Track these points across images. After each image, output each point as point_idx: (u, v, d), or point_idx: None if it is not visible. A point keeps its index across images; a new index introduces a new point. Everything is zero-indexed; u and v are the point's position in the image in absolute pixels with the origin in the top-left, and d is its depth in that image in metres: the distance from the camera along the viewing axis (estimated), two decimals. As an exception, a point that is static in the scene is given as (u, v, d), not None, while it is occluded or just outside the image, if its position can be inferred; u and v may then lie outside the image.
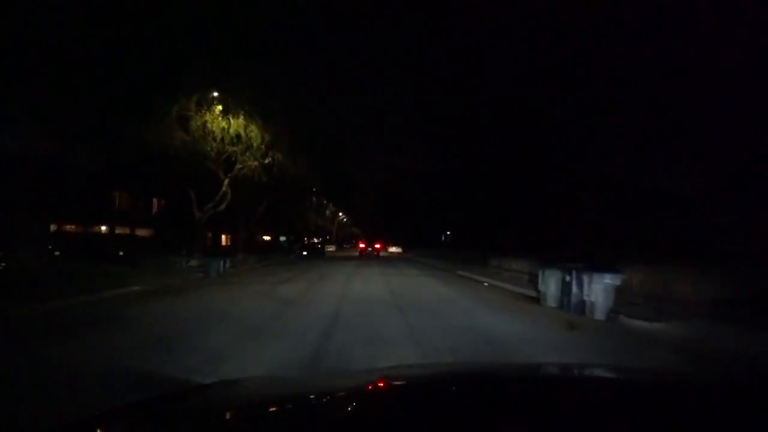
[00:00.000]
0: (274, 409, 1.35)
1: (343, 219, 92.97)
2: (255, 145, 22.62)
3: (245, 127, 21.73)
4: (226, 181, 23.40)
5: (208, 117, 20.69)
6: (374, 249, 51.44)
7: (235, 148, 22.34)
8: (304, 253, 40.61)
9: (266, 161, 24.01)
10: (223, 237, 50.76)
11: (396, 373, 1.97)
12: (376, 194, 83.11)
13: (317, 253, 42.79)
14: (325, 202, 55.93)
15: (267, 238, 62.84)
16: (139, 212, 34.73)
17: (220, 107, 21.34)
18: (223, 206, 24.73)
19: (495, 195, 37.27)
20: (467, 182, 41.99)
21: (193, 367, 5.01)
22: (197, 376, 4.55)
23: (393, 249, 61.31)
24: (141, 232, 34.31)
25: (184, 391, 1.65)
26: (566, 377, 1.81)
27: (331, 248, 62.18)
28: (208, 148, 21.30)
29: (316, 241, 53.68)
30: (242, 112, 21.51)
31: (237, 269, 22.66)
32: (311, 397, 1.48)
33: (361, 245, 53.52)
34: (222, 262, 18.93)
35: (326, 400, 1.42)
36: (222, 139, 21.65)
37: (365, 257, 42.74)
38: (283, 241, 55.96)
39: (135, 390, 4.14)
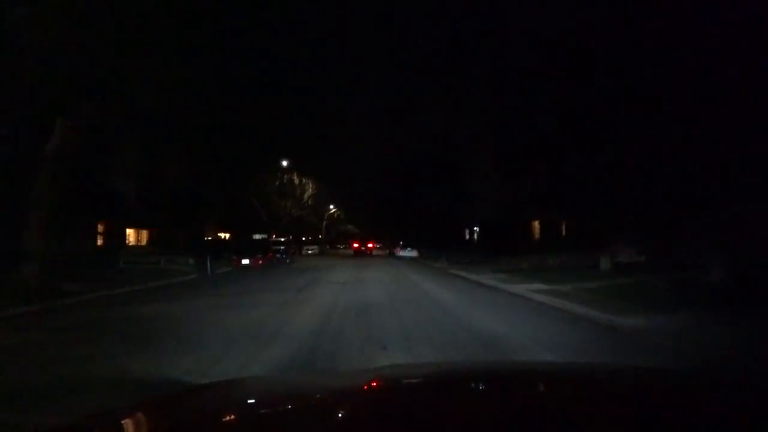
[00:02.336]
0: (272, 408, 1.33)
1: (335, 213, 74.68)
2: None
3: None
4: None
5: None
6: (367, 249, 50.62)
7: None
8: (244, 261, 21.53)
9: None
10: (142, 234, 31.84)
11: (390, 373, 1.95)
12: (377, 180, 63.21)
13: (275, 262, 23.82)
14: (300, 180, 36.44)
15: (224, 235, 44.17)
16: None
17: None
18: None
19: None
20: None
21: None
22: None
23: (404, 253, 38.46)
24: None
25: (184, 391, 1.65)
26: (561, 375, 1.75)
27: (311, 249, 42.80)
28: None
29: (282, 239, 34.18)
30: None
31: None
32: (309, 397, 1.45)
33: (355, 245, 53.01)
34: None
35: (323, 400, 1.41)
36: None
37: (358, 256, 42.78)
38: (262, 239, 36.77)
39: None
